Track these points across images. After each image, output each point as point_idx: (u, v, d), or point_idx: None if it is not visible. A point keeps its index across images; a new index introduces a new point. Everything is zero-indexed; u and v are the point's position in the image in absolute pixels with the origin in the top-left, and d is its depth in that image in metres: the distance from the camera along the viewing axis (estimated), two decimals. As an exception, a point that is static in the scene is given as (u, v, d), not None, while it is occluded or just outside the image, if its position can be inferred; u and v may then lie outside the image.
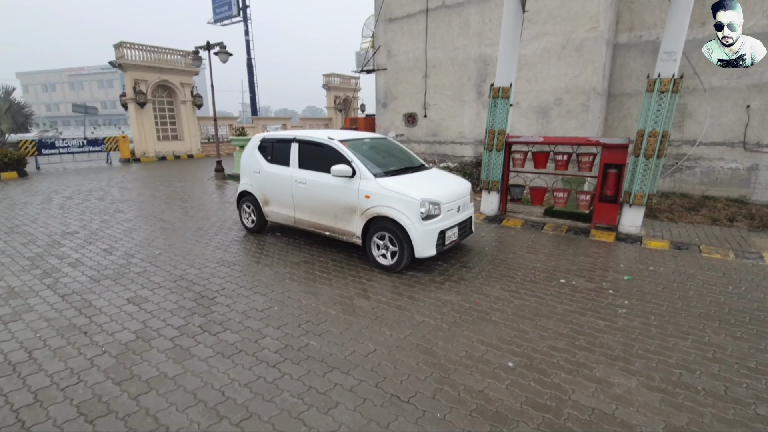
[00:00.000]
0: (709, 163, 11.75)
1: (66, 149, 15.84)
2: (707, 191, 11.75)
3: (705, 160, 11.83)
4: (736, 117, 10.74)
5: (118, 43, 16.90)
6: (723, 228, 6.74)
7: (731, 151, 11.07)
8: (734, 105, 10.62)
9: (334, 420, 2.41)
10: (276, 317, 3.69)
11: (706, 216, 7.54)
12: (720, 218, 7.30)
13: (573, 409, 2.52)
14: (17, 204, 8.70)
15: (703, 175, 12.02)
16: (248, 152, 6.23)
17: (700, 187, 11.97)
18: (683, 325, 3.60)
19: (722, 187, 11.59)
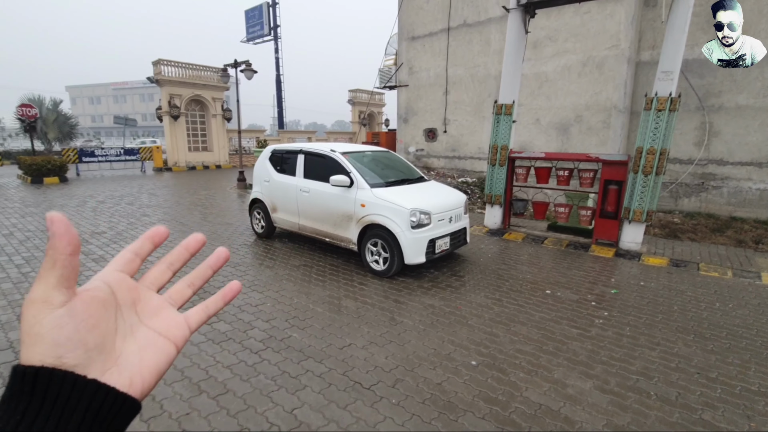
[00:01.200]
0: (737, 183, 11.44)
1: (104, 158, 17.05)
2: (735, 212, 11.41)
3: (732, 180, 11.53)
4: (763, 136, 10.49)
5: (157, 60, 18.17)
6: (739, 249, 6.62)
7: (759, 171, 10.78)
8: (762, 124, 10.40)
9: (299, 400, 2.69)
10: (267, 312, 4.02)
11: (732, 237, 7.38)
12: (746, 240, 7.15)
13: (521, 404, 2.69)
14: (55, 206, 9.53)
15: (731, 196, 11.70)
16: (260, 163, 6.70)
17: (727, 208, 11.64)
18: (656, 336, 3.67)
19: (750, 208, 11.25)
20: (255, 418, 2.51)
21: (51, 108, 23.69)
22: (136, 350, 0.38)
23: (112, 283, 0.39)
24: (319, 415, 2.55)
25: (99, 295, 0.37)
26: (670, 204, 12.37)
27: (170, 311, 0.43)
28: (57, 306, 0.33)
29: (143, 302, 0.42)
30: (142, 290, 0.42)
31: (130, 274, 0.41)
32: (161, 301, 0.43)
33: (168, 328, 0.42)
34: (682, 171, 11.82)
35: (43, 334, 0.32)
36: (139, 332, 0.40)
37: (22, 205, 9.51)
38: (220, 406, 2.61)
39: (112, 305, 0.38)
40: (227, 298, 0.48)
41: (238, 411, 2.57)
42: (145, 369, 0.38)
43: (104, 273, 0.39)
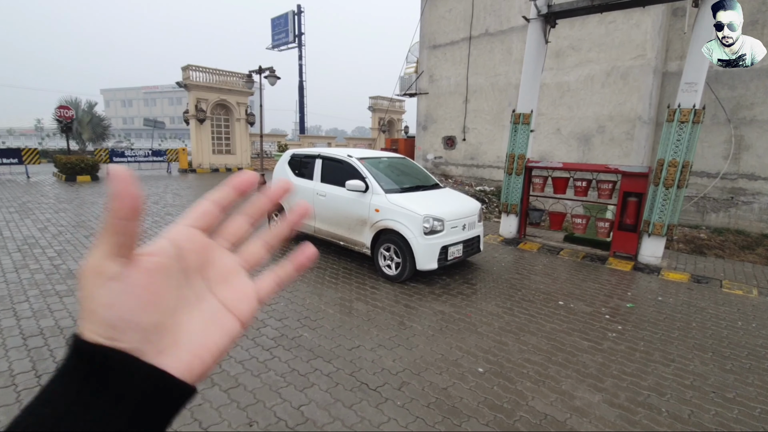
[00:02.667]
0: (769, 199, 11.04)
1: (133, 158, 17.72)
2: (767, 229, 10.99)
3: (764, 196, 11.13)
4: (799, 150, 10.09)
5: (186, 65, 18.82)
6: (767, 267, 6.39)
7: (794, 187, 10.36)
8: (796, 137, 10.01)
9: (306, 396, 2.75)
10: (280, 311, 4.11)
11: (762, 255, 7.11)
12: (778, 258, 6.90)
13: (527, 413, 2.69)
14: (86, 203, 9.96)
15: (762, 212, 11.29)
16: (279, 166, 6.87)
17: (759, 225, 11.23)
18: (671, 353, 3.59)
19: (784, 226, 10.81)
20: (263, 413, 2.58)
21: (86, 110, 24.80)
22: (200, 326, 0.34)
23: (182, 242, 0.34)
24: (325, 413, 2.61)
25: (162, 262, 0.32)
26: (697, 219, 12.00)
27: (242, 278, 0.38)
28: (111, 278, 0.29)
29: (214, 264, 0.36)
30: (214, 249, 0.37)
31: (208, 230, 0.36)
32: (235, 264, 0.38)
33: (238, 301, 0.36)
34: (709, 185, 11.47)
35: (95, 310, 0.29)
36: (205, 303, 0.35)
37: (56, 201, 9.98)
38: (231, 399, 2.70)
39: (178, 271, 0.33)
40: (302, 267, 0.40)
41: (248, 405, 2.65)
42: (206, 350, 0.33)
43: (175, 230, 0.35)
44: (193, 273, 0.34)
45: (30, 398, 0.28)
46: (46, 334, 3.51)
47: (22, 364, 3.05)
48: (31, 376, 2.91)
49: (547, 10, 6.54)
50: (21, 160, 14.90)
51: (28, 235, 6.72)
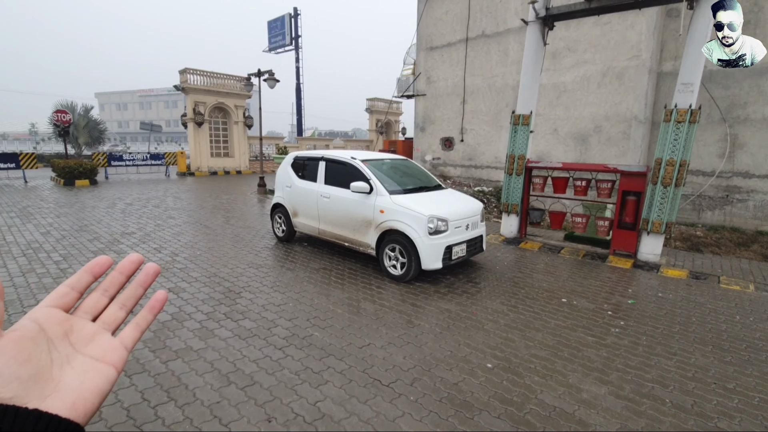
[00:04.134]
0: (763, 197, 11.22)
1: (131, 162, 17.70)
2: (761, 226, 11.17)
3: (758, 194, 11.31)
4: (793, 149, 10.27)
5: (183, 69, 18.84)
6: (764, 264, 6.51)
7: (788, 184, 10.53)
8: (791, 136, 10.19)
9: (322, 393, 2.82)
10: (289, 311, 4.18)
11: (757, 252, 7.23)
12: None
13: (536, 405, 2.77)
14: (87, 207, 9.97)
15: (757, 209, 11.47)
16: (282, 168, 6.93)
17: (754, 222, 11.40)
18: (673, 347, 3.69)
19: (779, 222, 10.98)
20: (281, 409, 2.65)
21: (82, 114, 24.73)
22: (76, 376, 0.40)
23: (41, 319, 0.41)
24: (341, 408, 2.68)
25: (26, 334, 0.39)
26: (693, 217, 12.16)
27: (104, 337, 0.45)
28: None
29: (76, 332, 0.43)
30: (74, 321, 0.44)
31: (65, 308, 0.43)
32: (95, 328, 0.45)
33: (104, 353, 0.43)
34: (705, 183, 11.64)
35: None
36: (75, 360, 0.41)
37: (56, 206, 9.98)
38: (248, 396, 2.76)
39: (43, 339, 0.40)
40: (155, 310, 0.49)
41: (265, 401, 2.72)
42: (87, 392, 0.39)
43: (34, 311, 0.42)
44: (57, 340, 0.41)
45: None
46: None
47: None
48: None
49: (546, 12, 6.66)
50: (18, 164, 14.86)
51: (32, 239, 6.75)
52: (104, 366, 0.42)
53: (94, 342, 0.44)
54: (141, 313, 0.48)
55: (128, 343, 0.46)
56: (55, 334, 0.41)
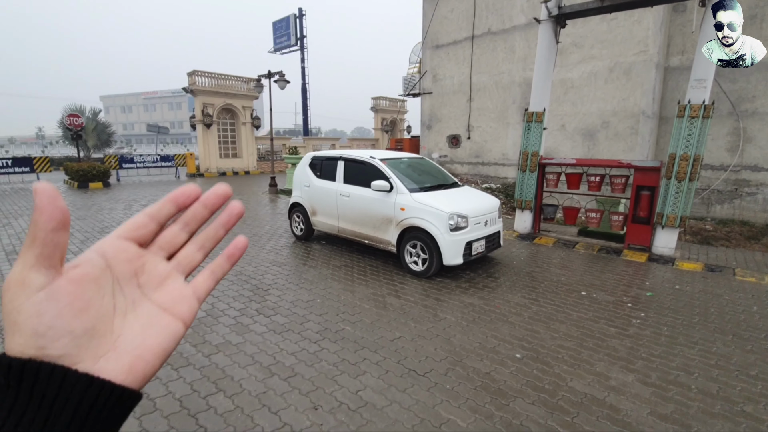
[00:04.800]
0: (774, 190, 11.24)
1: (142, 164, 17.91)
2: (772, 219, 11.19)
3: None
4: (803, 142, 10.30)
5: (191, 71, 19.02)
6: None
7: (798, 177, 10.55)
8: (801, 129, 10.21)
9: (361, 383, 2.95)
10: (318, 307, 4.31)
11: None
12: (785, 247, 7.08)
13: (568, 392, 2.89)
14: (104, 209, 10.16)
15: (766, 203, 11.49)
16: (300, 168, 7.06)
17: (763, 215, 11.42)
18: (694, 336, 3.79)
19: (789, 215, 11.01)
20: (325, 397, 2.78)
21: (91, 117, 25.01)
22: (138, 330, 0.35)
23: (109, 253, 0.35)
24: (382, 396, 2.81)
25: (89, 272, 0.33)
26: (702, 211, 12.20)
27: (177, 281, 0.39)
28: (36, 289, 0.30)
29: (148, 272, 0.37)
30: (147, 258, 0.38)
31: (141, 241, 0.37)
32: (168, 270, 0.39)
33: (174, 302, 0.38)
34: (714, 177, 11.68)
35: (21, 322, 0.29)
36: (141, 308, 0.36)
37: (73, 208, 10.18)
38: (292, 387, 2.90)
39: (108, 280, 0.34)
40: (234, 259, 0.42)
41: (309, 391, 2.85)
42: (148, 351, 0.34)
43: (103, 242, 0.35)
44: (125, 281, 0.35)
45: None
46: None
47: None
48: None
49: (558, 11, 6.75)
50: (33, 168, 15.09)
51: (58, 241, 6.91)
52: (171, 319, 0.37)
53: (165, 286, 0.38)
54: (218, 260, 0.41)
55: (201, 293, 0.40)
56: (124, 273, 0.35)
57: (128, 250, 0.36)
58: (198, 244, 0.41)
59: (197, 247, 0.41)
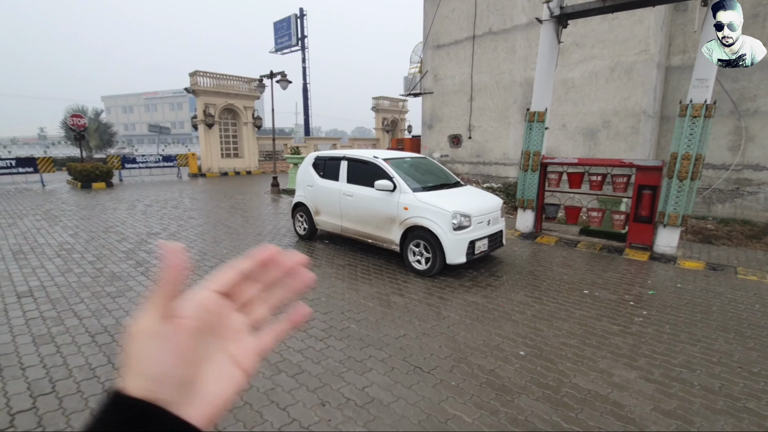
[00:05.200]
0: (775, 189, 11.25)
1: (144, 164, 17.97)
2: (773, 218, 11.20)
3: (769, 186, 11.34)
4: (805, 140, 10.31)
5: (193, 71, 19.07)
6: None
7: (799, 176, 10.57)
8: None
9: (368, 380, 2.99)
10: (323, 306, 4.35)
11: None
12: (786, 247, 7.10)
13: (571, 389, 2.93)
14: (108, 209, 10.21)
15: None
16: (303, 168, 7.10)
17: (765, 214, 11.43)
18: (696, 334, 3.83)
19: (791, 215, 11.02)
20: (332, 394, 2.82)
21: (93, 118, 25.10)
22: (214, 378, 0.37)
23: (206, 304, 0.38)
24: (388, 392, 2.85)
25: (194, 325, 0.36)
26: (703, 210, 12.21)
27: (247, 336, 0.41)
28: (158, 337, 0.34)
29: (227, 324, 0.39)
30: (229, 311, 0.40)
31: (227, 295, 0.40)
32: (242, 324, 0.41)
33: (243, 356, 0.40)
34: (715, 176, 11.70)
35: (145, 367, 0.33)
36: (217, 357, 0.38)
37: (78, 208, 10.23)
38: (299, 383, 2.94)
39: (203, 332, 0.37)
40: (296, 324, 0.44)
41: (316, 387, 2.89)
42: (219, 399, 0.36)
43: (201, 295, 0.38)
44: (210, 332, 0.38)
45: None
46: (110, 332, 3.75)
47: (98, 359, 3.29)
48: (109, 369, 3.15)
49: (560, 11, 6.78)
50: (36, 168, 15.16)
51: (63, 241, 6.97)
52: (238, 371, 0.39)
53: (238, 339, 0.40)
54: (283, 323, 0.44)
55: (264, 351, 0.42)
56: (212, 324, 0.38)
57: (219, 303, 0.39)
58: (269, 304, 0.44)
59: (269, 306, 0.44)
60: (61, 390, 2.87)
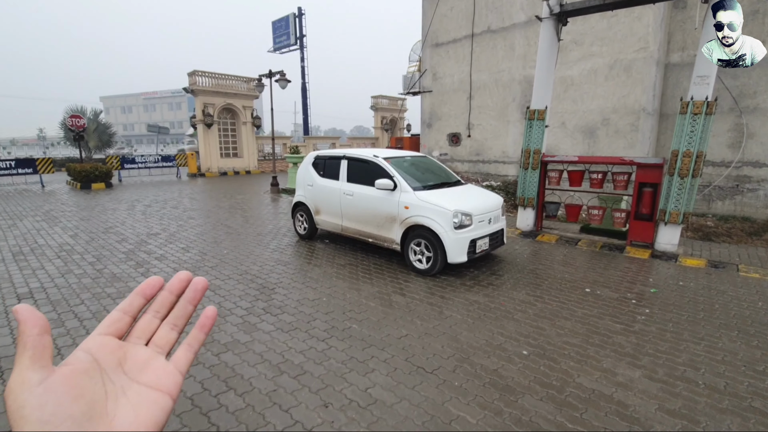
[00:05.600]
0: (775, 186, 11.24)
1: (144, 164, 17.93)
2: (773, 215, 11.19)
3: (769, 183, 11.33)
4: (805, 137, 10.30)
5: (192, 71, 19.02)
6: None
7: (799, 173, 10.56)
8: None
9: (370, 381, 2.97)
10: (324, 306, 4.34)
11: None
12: (786, 243, 7.08)
13: (575, 389, 2.91)
14: (108, 210, 10.18)
15: (768, 199, 11.50)
16: (303, 168, 7.08)
17: (765, 211, 11.42)
18: (699, 332, 3.81)
19: (791, 212, 11.01)
20: (335, 395, 2.81)
21: (92, 118, 25.02)
22: (131, 409, 0.38)
23: (94, 349, 0.39)
24: (391, 393, 2.83)
25: (78, 366, 0.37)
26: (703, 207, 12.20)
27: (159, 361, 0.43)
28: (34, 385, 0.34)
29: (130, 359, 0.42)
30: (127, 347, 0.42)
31: (118, 334, 0.42)
32: (149, 353, 0.43)
33: (159, 380, 0.42)
34: (715, 174, 11.69)
35: (27, 415, 0.33)
36: (131, 391, 0.40)
37: (77, 209, 10.20)
38: (302, 384, 2.92)
39: (97, 372, 0.38)
40: (206, 328, 0.46)
41: (319, 389, 2.87)
42: (142, 424, 0.38)
43: (87, 341, 0.40)
44: (111, 371, 0.40)
45: None
46: (111, 333, 3.72)
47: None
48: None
49: (560, 9, 6.75)
50: (36, 169, 15.11)
51: (62, 242, 6.94)
52: (159, 394, 0.41)
53: (149, 368, 0.42)
54: (192, 333, 0.46)
55: (182, 367, 0.44)
56: (109, 364, 0.40)
57: (110, 344, 0.41)
58: (171, 324, 0.46)
59: (170, 326, 0.46)
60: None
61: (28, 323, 0.35)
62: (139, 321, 0.45)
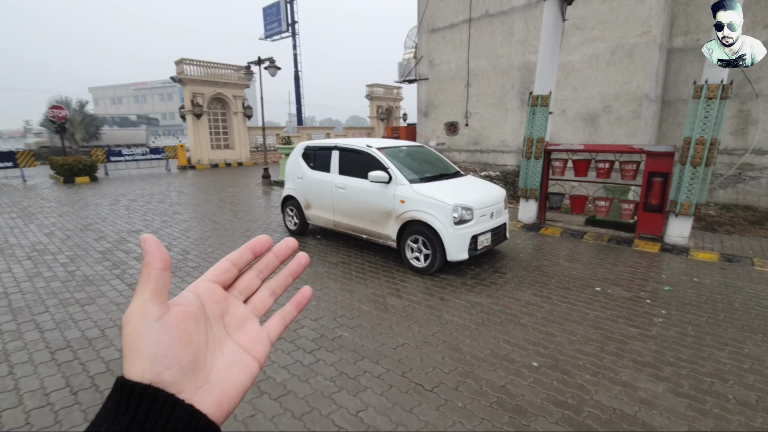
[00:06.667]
0: (778, 174, 10.96)
1: (131, 156, 17.37)
2: (776, 204, 10.92)
3: (772, 171, 11.04)
4: (807, 124, 9.99)
5: (179, 59, 18.36)
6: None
7: (803, 161, 10.27)
8: (805, 111, 9.89)
9: (362, 402, 2.62)
10: (313, 311, 3.97)
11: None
12: (791, 233, 6.80)
13: (594, 408, 2.57)
14: (90, 205, 9.72)
15: (770, 186, 11.22)
16: (293, 159, 6.66)
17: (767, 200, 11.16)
18: (722, 336, 3.49)
19: (793, 200, 10.75)
20: (321, 421, 2.45)
21: (77, 109, 24.27)
22: (225, 366, 0.38)
23: (203, 294, 0.39)
24: (386, 418, 2.48)
25: (190, 310, 0.37)
26: (705, 196, 11.90)
27: (254, 324, 0.43)
28: (154, 320, 0.33)
29: (231, 313, 0.41)
30: (231, 301, 0.42)
31: (225, 285, 0.42)
32: (247, 312, 0.43)
33: (252, 343, 0.41)
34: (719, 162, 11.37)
35: (142, 349, 0.32)
36: (226, 347, 0.39)
37: (57, 205, 9.73)
38: (284, 408, 2.57)
39: (202, 319, 0.38)
40: (301, 306, 0.47)
41: (303, 413, 2.52)
42: (232, 388, 0.37)
43: (197, 284, 0.40)
44: (214, 321, 0.39)
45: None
46: (74, 347, 3.35)
47: (55, 381, 2.90)
48: (66, 393, 2.76)
49: (565, -14, 6.30)
50: (16, 163, 14.54)
51: (36, 241, 6.52)
52: (250, 358, 0.40)
53: (244, 328, 0.41)
54: (287, 306, 0.46)
55: (273, 337, 0.44)
56: (214, 313, 0.39)
57: (217, 293, 0.41)
58: (270, 290, 0.46)
59: (269, 292, 0.46)
60: (8, 421, 2.48)
61: (155, 256, 0.35)
62: (242, 276, 0.44)
